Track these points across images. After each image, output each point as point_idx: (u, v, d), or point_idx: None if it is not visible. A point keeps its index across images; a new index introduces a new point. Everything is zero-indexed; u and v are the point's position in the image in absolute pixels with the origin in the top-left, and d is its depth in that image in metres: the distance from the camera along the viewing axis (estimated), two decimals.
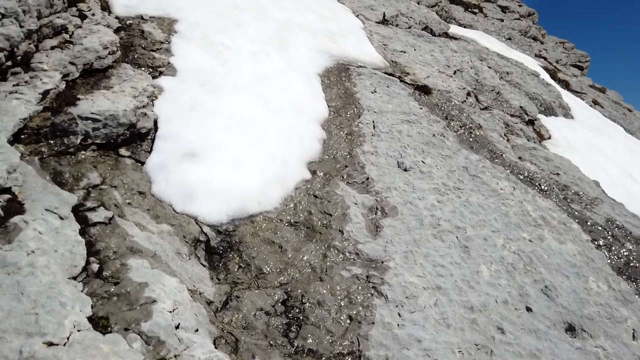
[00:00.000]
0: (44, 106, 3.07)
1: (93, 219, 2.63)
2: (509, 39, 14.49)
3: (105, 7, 4.49)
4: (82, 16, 3.95)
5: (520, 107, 7.30)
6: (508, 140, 5.73)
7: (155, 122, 3.59)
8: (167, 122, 3.59)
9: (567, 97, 10.78)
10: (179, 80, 4.01)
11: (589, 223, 4.54)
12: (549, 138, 7.43)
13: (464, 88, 6.43)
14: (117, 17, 4.43)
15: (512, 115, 6.86)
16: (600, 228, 4.55)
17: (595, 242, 4.27)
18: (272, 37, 5.31)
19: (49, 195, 2.58)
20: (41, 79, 3.10)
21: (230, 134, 3.74)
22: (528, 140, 6.19)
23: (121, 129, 3.31)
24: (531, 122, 7.31)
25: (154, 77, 3.94)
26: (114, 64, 3.78)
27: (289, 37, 5.46)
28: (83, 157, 3.09)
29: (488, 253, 3.53)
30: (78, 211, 2.63)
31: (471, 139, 5.15)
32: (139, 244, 2.61)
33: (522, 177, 4.74)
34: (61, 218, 2.45)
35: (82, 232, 2.50)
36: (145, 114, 3.52)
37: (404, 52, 6.87)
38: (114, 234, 2.60)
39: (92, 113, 3.18)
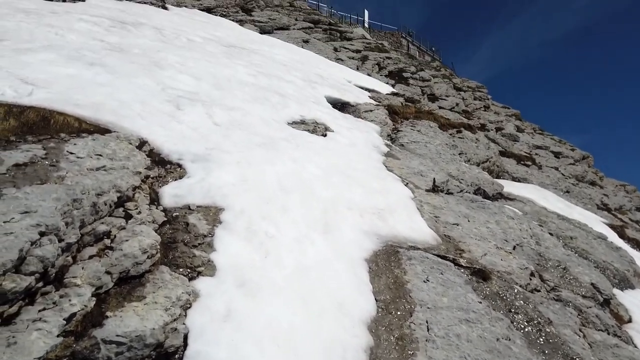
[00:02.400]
0: (68, 330, 2.87)
1: None
2: (567, 192, 14.01)
3: (155, 199, 4.56)
4: (128, 216, 3.97)
5: (592, 284, 6.57)
6: (585, 336, 4.99)
7: (185, 337, 3.29)
8: (197, 338, 3.29)
9: None
10: (217, 282, 3.80)
11: None
12: (630, 321, 6.51)
13: (526, 267, 5.89)
14: (164, 210, 4.46)
15: (584, 297, 6.13)
16: None
17: None
18: (317, 220, 5.18)
19: None
20: (70, 300, 2.95)
21: (264, 350, 3.36)
22: (607, 332, 5.38)
23: (147, 351, 3.03)
24: (607, 302, 6.50)
25: (191, 279, 3.75)
26: (152, 268, 3.66)
27: (334, 219, 5.32)
28: None
29: None
30: None
31: (541, 340, 4.48)
32: None
33: None
34: None
35: None
36: (176, 329, 3.25)
37: (457, 225, 6.56)
38: None
39: (117, 335, 2.94)
